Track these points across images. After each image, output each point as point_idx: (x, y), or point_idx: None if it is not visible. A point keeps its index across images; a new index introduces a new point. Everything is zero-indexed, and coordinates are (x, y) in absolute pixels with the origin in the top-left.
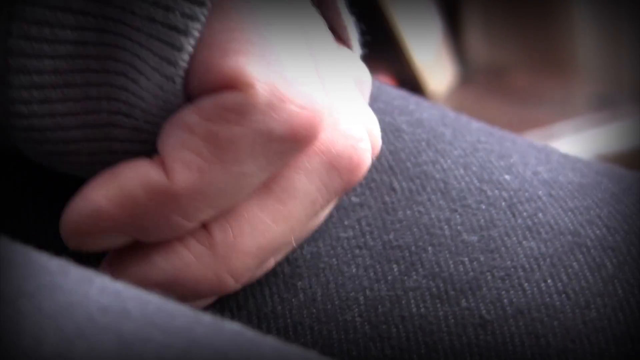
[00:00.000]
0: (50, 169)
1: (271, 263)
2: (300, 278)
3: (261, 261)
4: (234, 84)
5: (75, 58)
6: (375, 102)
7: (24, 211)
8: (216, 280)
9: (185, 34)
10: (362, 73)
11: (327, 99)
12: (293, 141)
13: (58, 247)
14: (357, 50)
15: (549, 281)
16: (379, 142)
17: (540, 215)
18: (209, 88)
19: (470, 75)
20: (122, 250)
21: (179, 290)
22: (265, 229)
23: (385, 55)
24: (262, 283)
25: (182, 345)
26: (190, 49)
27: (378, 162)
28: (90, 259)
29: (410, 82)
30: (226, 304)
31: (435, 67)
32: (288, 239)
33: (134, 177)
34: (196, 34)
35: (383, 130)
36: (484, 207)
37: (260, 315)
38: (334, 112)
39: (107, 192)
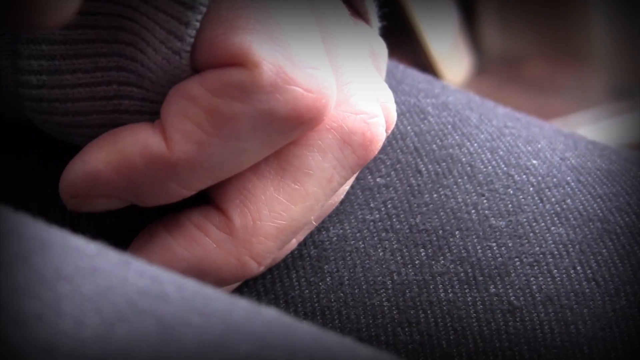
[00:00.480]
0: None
1: (293, 244)
2: (327, 261)
3: (282, 242)
4: (240, 62)
5: (85, 28)
6: (400, 85)
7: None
8: (239, 265)
9: (192, 9)
10: (378, 46)
11: (336, 80)
12: (296, 123)
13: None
14: (374, 23)
15: (578, 268)
16: (393, 116)
17: (568, 201)
18: (215, 64)
19: (486, 65)
20: (142, 242)
21: (202, 278)
22: (284, 210)
23: (401, 45)
24: (289, 266)
25: (221, 329)
26: (197, 24)
27: (403, 143)
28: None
29: (426, 72)
30: (253, 288)
31: (452, 57)
32: (307, 218)
33: (133, 143)
34: (203, 9)
35: (408, 111)
36: (511, 191)
37: (288, 300)
38: (345, 88)
39: (105, 157)
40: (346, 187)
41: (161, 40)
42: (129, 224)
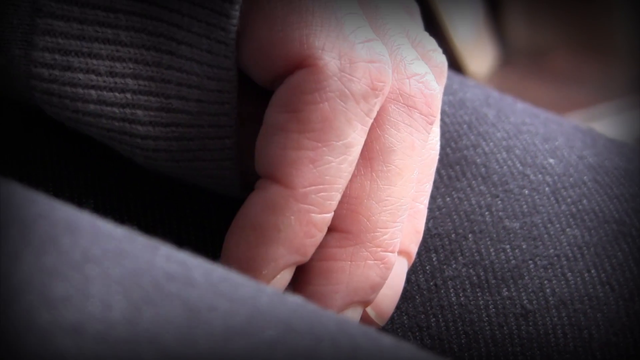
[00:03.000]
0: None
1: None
2: None
3: (401, 221)
4: (304, 63)
5: (104, 26)
6: None
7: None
8: (380, 264)
9: (229, 1)
10: (409, 3)
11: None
12: (375, 94)
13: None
14: None
15: (592, 271)
16: (442, 61)
17: (584, 201)
18: (275, 62)
19: (510, 56)
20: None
21: (359, 296)
22: (388, 194)
23: None
24: None
25: (247, 314)
26: (236, 13)
27: None
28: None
29: (450, 63)
30: None
31: (476, 48)
32: (410, 190)
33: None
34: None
35: None
36: (526, 192)
37: None
38: (393, 54)
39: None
40: (434, 152)
41: (202, 33)
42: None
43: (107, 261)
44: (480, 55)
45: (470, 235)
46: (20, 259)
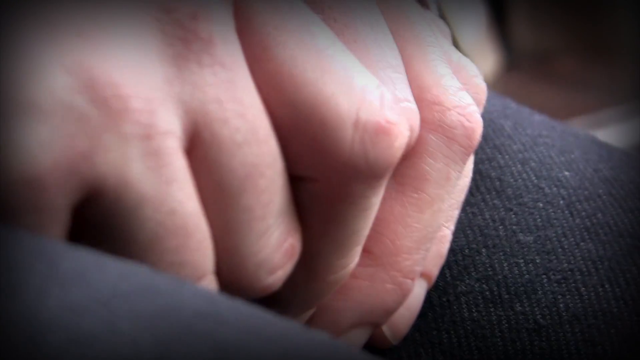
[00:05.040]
0: None
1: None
2: None
3: (424, 251)
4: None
5: None
6: None
7: None
8: (397, 289)
9: None
10: (440, 25)
11: (422, 82)
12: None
13: None
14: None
15: (606, 286)
16: (483, 88)
17: (599, 215)
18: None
19: (515, 61)
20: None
21: (372, 318)
22: (416, 221)
23: None
24: None
25: (279, 354)
26: None
27: None
28: None
29: None
30: None
31: (480, 52)
32: (439, 221)
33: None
34: None
35: None
36: (541, 205)
37: None
38: (433, 89)
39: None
40: (466, 179)
41: None
42: None
43: (135, 297)
44: (484, 59)
45: (483, 250)
46: (47, 294)
